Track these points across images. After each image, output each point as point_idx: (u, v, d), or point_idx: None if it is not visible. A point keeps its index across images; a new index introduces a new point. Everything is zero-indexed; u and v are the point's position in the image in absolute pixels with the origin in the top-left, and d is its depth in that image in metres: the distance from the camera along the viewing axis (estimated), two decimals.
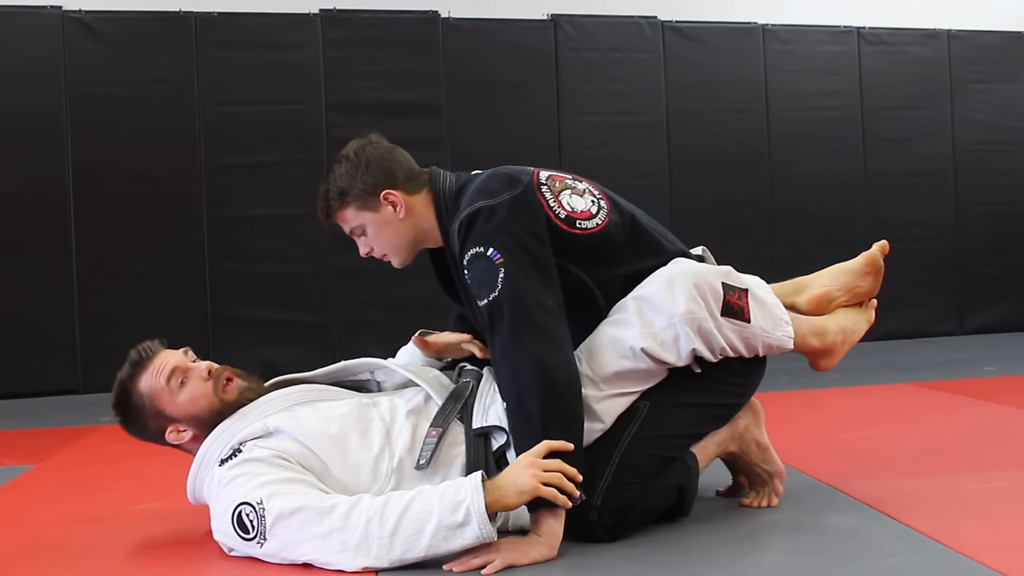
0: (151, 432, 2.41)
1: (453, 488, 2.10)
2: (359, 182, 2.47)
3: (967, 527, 2.28)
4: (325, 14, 6.47)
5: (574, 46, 6.85)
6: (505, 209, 2.31)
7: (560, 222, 2.37)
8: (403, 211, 2.48)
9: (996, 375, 5.22)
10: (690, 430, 2.42)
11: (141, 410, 2.37)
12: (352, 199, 2.48)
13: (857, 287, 2.65)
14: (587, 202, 2.43)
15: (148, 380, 2.36)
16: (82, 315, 6.05)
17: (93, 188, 6.09)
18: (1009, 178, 7.58)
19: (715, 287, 2.30)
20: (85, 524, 2.68)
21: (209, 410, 2.36)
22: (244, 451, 2.25)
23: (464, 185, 2.46)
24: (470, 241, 2.32)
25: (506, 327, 2.22)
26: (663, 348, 2.29)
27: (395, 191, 2.47)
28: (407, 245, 2.54)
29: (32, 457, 3.77)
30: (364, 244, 2.57)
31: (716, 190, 6.93)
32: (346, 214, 2.52)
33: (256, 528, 2.13)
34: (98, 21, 6.17)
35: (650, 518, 2.35)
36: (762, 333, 2.37)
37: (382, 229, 2.51)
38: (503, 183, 2.38)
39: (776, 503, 2.54)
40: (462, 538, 2.06)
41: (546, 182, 2.42)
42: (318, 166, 6.33)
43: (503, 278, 2.24)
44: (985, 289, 7.47)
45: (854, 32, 7.36)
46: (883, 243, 2.67)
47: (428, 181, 2.52)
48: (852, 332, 2.62)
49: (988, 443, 3.33)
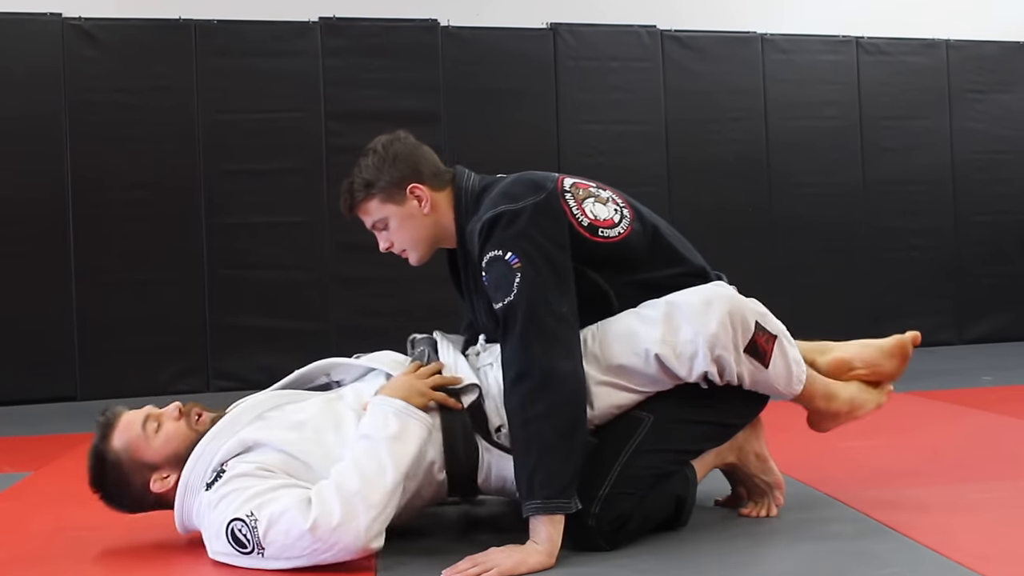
0: (135, 490, 2.37)
1: (369, 417, 2.26)
2: (386, 175, 2.47)
3: (966, 537, 2.29)
4: (324, 22, 6.48)
5: (573, 55, 6.86)
6: (527, 214, 2.32)
7: (583, 230, 2.37)
8: (428, 206, 2.49)
9: (994, 385, 5.22)
10: (692, 446, 2.42)
11: (120, 468, 2.35)
12: (378, 191, 2.48)
13: (880, 366, 2.64)
14: (610, 210, 2.43)
15: (121, 435, 2.36)
16: (81, 322, 6.05)
17: (93, 195, 6.09)
18: (1008, 187, 7.59)
19: (747, 323, 2.30)
20: (83, 531, 2.67)
21: (187, 445, 2.34)
22: (228, 469, 2.25)
23: (487, 187, 2.47)
24: (490, 244, 2.32)
25: (518, 332, 2.23)
26: (677, 360, 2.28)
27: (421, 185, 2.48)
28: (427, 241, 2.54)
29: (30, 464, 3.77)
30: (385, 238, 2.57)
31: (715, 199, 6.93)
32: (370, 206, 2.51)
33: (251, 540, 2.15)
34: (98, 28, 6.17)
35: (648, 527, 2.35)
36: (773, 381, 2.38)
37: (405, 223, 2.51)
38: (527, 188, 2.39)
39: (775, 513, 2.54)
40: (411, 435, 2.22)
41: (570, 189, 2.43)
42: (317, 174, 6.35)
43: (519, 283, 2.25)
44: (984, 299, 7.47)
45: (853, 42, 7.37)
46: (915, 334, 2.64)
47: (451, 180, 2.53)
48: (859, 406, 2.61)
49: (987, 453, 3.33)
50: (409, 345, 2.58)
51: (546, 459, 2.15)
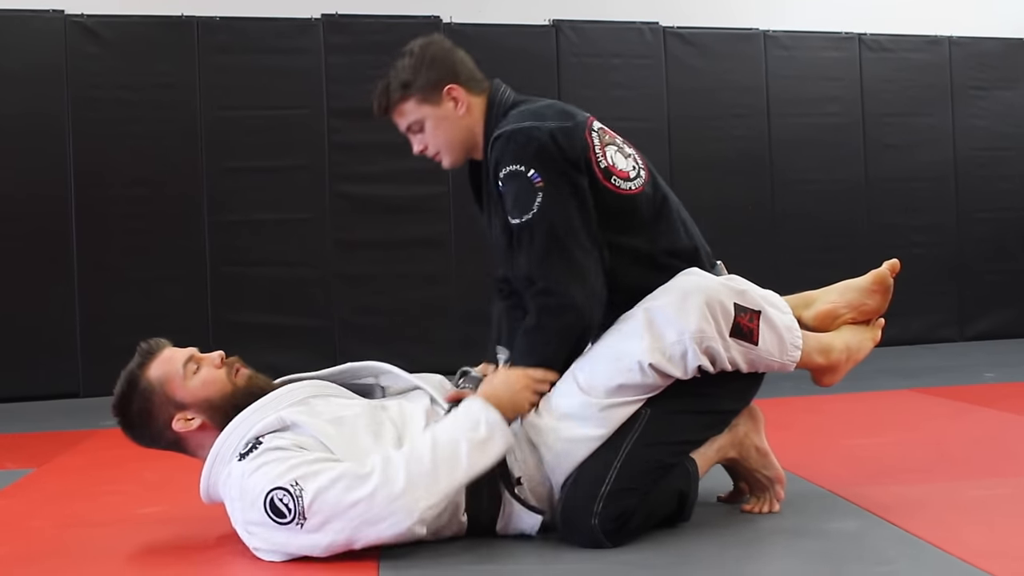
0: (156, 424, 2.35)
1: (463, 414, 2.24)
2: (423, 75, 2.49)
3: (968, 533, 2.28)
4: (327, 19, 6.49)
5: (576, 52, 6.86)
6: (551, 134, 2.36)
7: (598, 171, 2.40)
8: (463, 109, 2.51)
9: (997, 381, 5.22)
10: (690, 436, 2.41)
11: (149, 398, 2.33)
12: (415, 91, 2.50)
13: (864, 305, 2.63)
14: (628, 165, 2.48)
15: (160, 367, 2.35)
16: (84, 319, 6.06)
17: (95, 192, 6.10)
18: (1010, 184, 7.59)
19: (727, 307, 2.29)
20: (86, 528, 2.68)
21: (221, 394, 2.33)
22: (265, 442, 2.22)
23: (520, 103, 2.51)
24: (510, 155, 2.35)
25: (536, 250, 2.32)
26: (670, 363, 2.28)
27: (458, 87, 2.50)
28: (461, 144, 2.56)
29: (33, 461, 3.77)
30: (419, 141, 2.57)
31: (717, 196, 6.92)
32: (406, 107, 2.53)
33: (293, 510, 2.11)
34: (100, 25, 6.18)
35: (651, 524, 2.35)
36: (767, 356, 2.36)
37: (440, 124, 2.52)
38: (557, 113, 2.44)
39: (777, 509, 2.54)
40: (492, 450, 2.20)
41: (597, 130, 2.47)
42: (320, 171, 6.36)
43: (540, 202, 2.31)
44: (986, 295, 7.48)
45: (855, 38, 7.37)
46: (893, 262, 2.64)
47: (488, 89, 2.56)
48: (857, 350, 2.60)
49: (989, 450, 3.33)
50: (458, 376, 2.58)
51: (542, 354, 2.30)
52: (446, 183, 6.28)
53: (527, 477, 2.32)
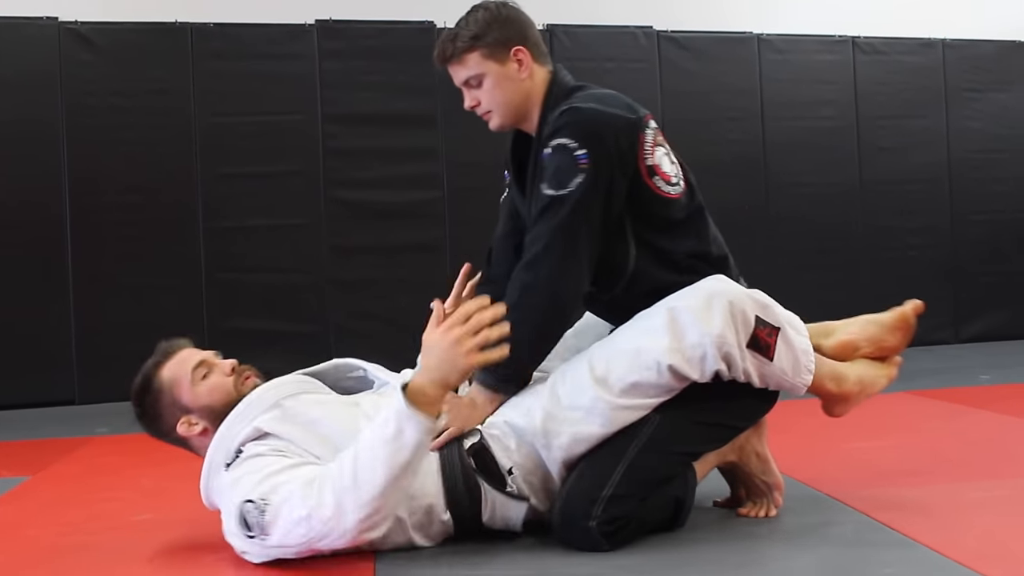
0: (164, 423, 2.41)
1: (384, 408, 2.17)
2: (495, 31, 2.50)
3: (966, 536, 2.28)
4: (321, 25, 6.48)
5: (569, 56, 6.85)
6: (613, 123, 2.39)
7: (644, 167, 2.42)
8: (527, 73, 2.52)
9: (992, 383, 5.22)
10: (696, 448, 2.41)
11: (159, 399, 2.39)
12: (483, 44, 2.50)
13: (884, 341, 2.62)
14: (673, 171, 2.52)
15: (172, 368, 2.40)
16: (79, 326, 6.05)
17: (89, 199, 6.09)
18: (1004, 186, 7.60)
19: (748, 317, 2.28)
20: (82, 535, 2.67)
21: (224, 402, 2.37)
22: (245, 451, 2.27)
23: (582, 87, 2.53)
24: (567, 129, 2.37)
25: (552, 224, 2.33)
26: (689, 365, 2.27)
27: (526, 50, 2.51)
28: (516, 107, 2.56)
29: (28, 468, 3.76)
30: (473, 97, 2.59)
31: (712, 199, 6.78)
32: (470, 59, 2.52)
33: (258, 525, 2.14)
34: (94, 32, 6.17)
35: (646, 529, 2.35)
36: (780, 374, 2.36)
37: (501, 83, 2.52)
38: (622, 105, 2.47)
39: (774, 514, 2.53)
40: (405, 443, 2.09)
41: (652, 130, 2.49)
42: (315, 176, 6.36)
43: (579, 182, 2.33)
44: (981, 297, 7.49)
45: (849, 41, 7.38)
46: (918, 303, 2.63)
47: (550, 65, 2.58)
48: (871, 384, 2.59)
49: (985, 452, 3.33)
50: None
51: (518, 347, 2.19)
52: (441, 188, 6.27)
53: (519, 466, 2.31)
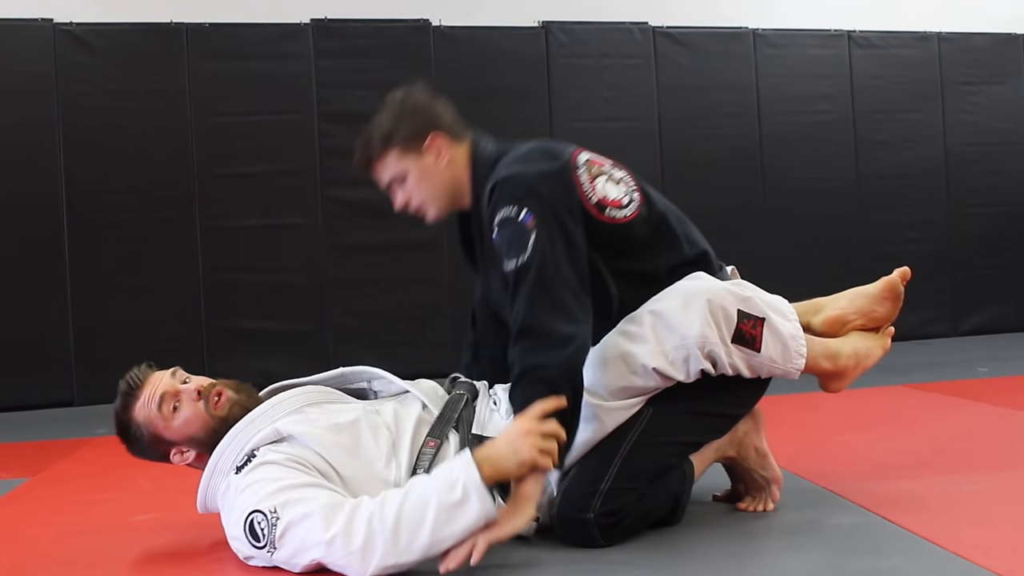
0: (156, 454, 2.41)
1: (446, 469, 2.09)
2: (404, 126, 2.47)
3: (964, 528, 2.29)
4: (316, 24, 6.48)
5: (565, 53, 6.87)
6: (542, 178, 2.32)
7: (591, 206, 2.36)
8: (446, 159, 2.48)
9: (990, 376, 5.23)
10: (691, 438, 2.42)
11: (141, 438, 2.38)
12: (397, 143, 2.47)
13: (874, 312, 2.62)
14: (620, 191, 2.43)
15: (142, 410, 2.36)
16: (76, 327, 6.05)
17: (86, 200, 6.09)
18: (1001, 179, 7.61)
19: (729, 313, 2.28)
20: (81, 536, 2.67)
21: (204, 430, 2.34)
22: (258, 455, 2.23)
23: (505, 152, 2.47)
24: (503, 203, 2.30)
25: (526, 291, 2.22)
26: (673, 367, 2.28)
27: (440, 137, 2.48)
28: (446, 195, 2.53)
29: (27, 470, 3.76)
30: (402, 195, 2.55)
31: (709, 194, 6.93)
32: (388, 159, 2.50)
33: (266, 536, 2.11)
34: (89, 33, 6.17)
35: (644, 524, 2.35)
36: (769, 363, 2.35)
37: (423, 176, 2.49)
38: (543, 155, 2.40)
39: (772, 508, 2.54)
40: (464, 516, 2.03)
41: (584, 164, 2.42)
42: (311, 176, 6.36)
43: (533, 242, 2.24)
44: (978, 290, 7.49)
45: (844, 36, 7.39)
46: (904, 269, 2.62)
47: (469, 139, 2.54)
48: (865, 356, 2.58)
49: (983, 444, 3.34)
50: (449, 382, 2.54)
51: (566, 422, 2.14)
52: None
53: None
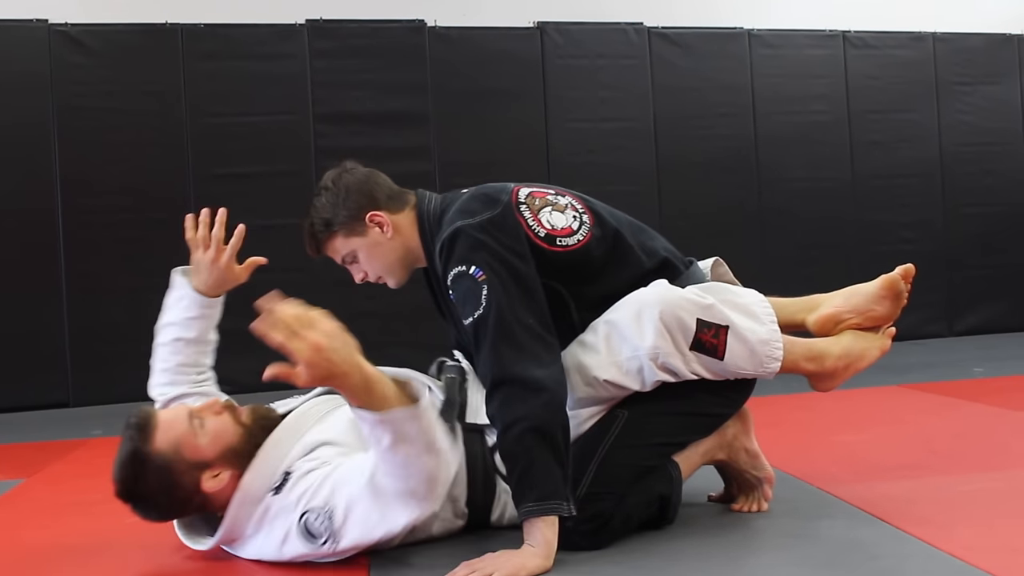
0: (182, 492, 2.22)
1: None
2: (343, 209, 2.48)
3: (958, 529, 2.29)
4: (311, 24, 6.48)
5: (561, 53, 6.87)
6: (484, 228, 2.30)
7: (540, 240, 2.34)
8: (390, 231, 2.48)
9: (985, 376, 5.23)
10: (670, 438, 2.39)
11: (167, 470, 2.19)
12: (338, 227, 2.49)
13: (872, 311, 2.56)
14: (568, 218, 2.40)
15: (167, 434, 2.21)
16: (73, 328, 6.04)
17: (81, 200, 6.08)
18: (996, 179, 7.62)
19: (685, 323, 2.25)
20: (76, 538, 2.67)
21: (239, 438, 2.26)
22: (295, 471, 2.21)
23: (448, 206, 2.45)
24: (452, 260, 2.30)
25: (488, 343, 2.21)
26: (627, 377, 2.28)
27: (379, 212, 2.48)
28: (399, 264, 2.53)
29: (23, 471, 3.76)
30: (358, 271, 2.57)
31: (704, 195, 6.95)
32: (335, 243, 2.52)
33: (328, 530, 2.13)
34: (85, 34, 6.17)
35: (631, 526, 2.34)
36: (736, 369, 2.32)
37: (373, 252, 2.51)
38: (482, 203, 2.37)
39: (766, 508, 2.54)
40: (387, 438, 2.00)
41: (525, 200, 2.40)
42: (307, 176, 6.34)
43: (487, 295, 2.23)
44: (974, 291, 7.50)
45: (840, 36, 7.39)
46: (908, 267, 2.56)
47: (411, 201, 2.52)
48: (859, 357, 2.52)
49: (978, 445, 3.34)
50: (436, 367, 2.55)
51: (533, 462, 2.13)
52: (433, 187, 6.23)
53: None
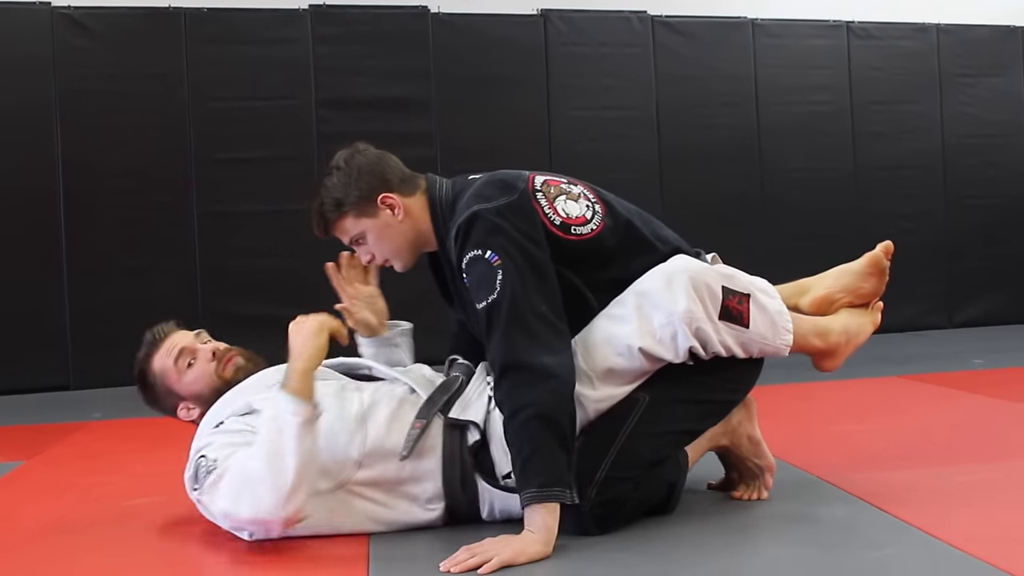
0: (167, 407, 2.55)
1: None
2: (354, 189, 2.45)
3: (956, 518, 2.30)
4: (315, 9, 6.47)
5: (564, 41, 6.86)
6: (501, 213, 2.30)
7: (555, 228, 2.35)
8: (401, 213, 2.46)
9: (985, 368, 5.24)
10: (687, 426, 2.40)
11: (154, 388, 2.53)
12: (349, 207, 2.47)
13: (860, 288, 2.62)
14: (582, 207, 2.40)
15: (160, 360, 2.52)
16: (74, 310, 6.05)
17: (83, 183, 6.08)
18: (998, 171, 7.61)
19: (714, 289, 2.28)
20: (75, 520, 2.67)
21: (210, 388, 2.49)
22: (226, 424, 2.35)
23: (461, 191, 2.44)
24: (468, 244, 2.29)
25: (501, 328, 2.21)
26: (660, 345, 2.27)
27: (391, 194, 2.46)
28: (408, 247, 2.52)
29: (23, 453, 3.76)
30: (365, 252, 2.55)
31: (706, 184, 6.94)
32: (345, 224, 2.50)
33: (203, 480, 2.25)
34: (87, 17, 6.16)
35: (638, 512, 2.36)
36: (760, 339, 2.35)
37: (382, 233, 2.49)
38: (499, 189, 2.36)
39: (766, 496, 2.55)
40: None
41: (541, 188, 2.40)
42: (309, 161, 6.34)
43: (501, 280, 2.22)
44: (974, 282, 7.50)
45: (843, 26, 7.38)
46: (887, 244, 2.62)
47: (423, 185, 2.51)
48: (856, 333, 2.58)
49: (977, 435, 3.35)
50: (447, 365, 2.56)
51: (537, 449, 2.13)
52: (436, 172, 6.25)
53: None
